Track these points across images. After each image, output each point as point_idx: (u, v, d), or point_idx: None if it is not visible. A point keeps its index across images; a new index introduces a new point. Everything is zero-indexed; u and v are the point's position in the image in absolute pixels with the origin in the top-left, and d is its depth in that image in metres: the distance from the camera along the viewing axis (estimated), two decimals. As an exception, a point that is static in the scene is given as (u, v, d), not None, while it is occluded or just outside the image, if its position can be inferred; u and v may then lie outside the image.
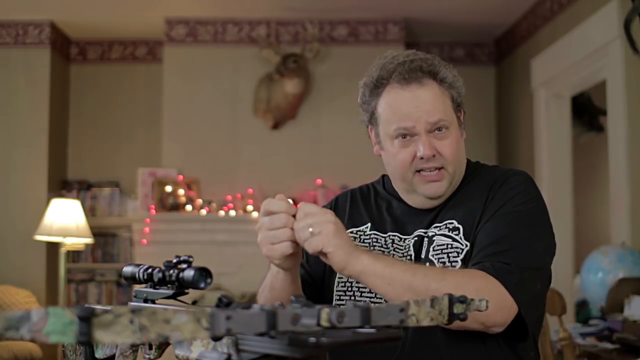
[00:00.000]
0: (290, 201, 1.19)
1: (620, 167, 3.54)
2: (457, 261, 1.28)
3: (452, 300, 0.76)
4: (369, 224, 1.43)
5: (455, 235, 1.31)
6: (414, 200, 1.40)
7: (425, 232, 1.36)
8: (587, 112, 5.19)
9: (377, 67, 1.37)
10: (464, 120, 1.41)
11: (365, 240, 1.42)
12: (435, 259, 1.30)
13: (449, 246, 1.30)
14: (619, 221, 3.55)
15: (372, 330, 0.68)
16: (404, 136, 1.34)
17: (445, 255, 1.30)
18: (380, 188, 1.50)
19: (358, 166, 4.61)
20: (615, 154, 3.63)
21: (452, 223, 1.33)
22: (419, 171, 1.34)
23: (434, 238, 1.33)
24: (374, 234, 1.42)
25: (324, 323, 0.65)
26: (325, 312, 0.65)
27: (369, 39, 5.05)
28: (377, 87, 1.37)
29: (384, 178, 1.51)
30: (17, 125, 5.00)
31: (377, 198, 1.48)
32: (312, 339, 0.63)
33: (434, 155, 1.32)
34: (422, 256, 1.33)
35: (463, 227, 1.31)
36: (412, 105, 1.32)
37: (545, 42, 4.46)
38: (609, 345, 2.66)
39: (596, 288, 2.98)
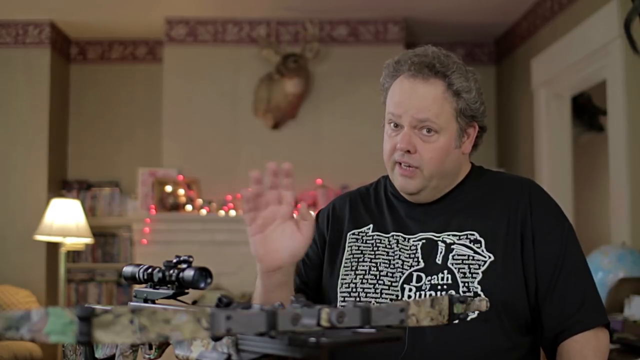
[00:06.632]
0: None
1: (620, 167, 3.54)
2: (477, 272, 1.30)
3: (452, 300, 0.75)
4: (371, 225, 1.43)
5: (477, 248, 1.32)
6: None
7: (439, 237, 1.35)
8: (587, 112, 5.17)
9: (405, 52, 1.40)
10: (475, 136, 1.39)
11: (368, 241, 1.41)
12: (456, 268, 1.31)
13: (471, 257, 1.31)
14: (619, 221, 3.54)
15: (372, 330, 0.68)
16: (396, 125, 1.35)
17: (466, 266, 1.30)
18: (381, 189, 1.49)
19: (358, 166, 4.61)
20: (615, 154, 3.62)
21: (473, 235, 1.33)
22: (399, 163, 1.35)
23: (453, 246, 1.33)
24: (377, 234, 1.41)
25: (324, 323, 0.65)
26: (325, 312, 0.65)
27: (369, 39, 5.04)
28: (395, 70, 1.38)
29: (385, 179, 1.50)
30: (17, 125, 5.00)
31: (378, 199, 1.47)
32: (312, 339, 0.63)
33: (409, 151, 1.32)
34: (438, 262, 1.32)
35: (485, 240, 1.32)
36: (406, 96, 1.34)
37: (545, 42, 4.45)
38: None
39: (596, 288, 2.97)
